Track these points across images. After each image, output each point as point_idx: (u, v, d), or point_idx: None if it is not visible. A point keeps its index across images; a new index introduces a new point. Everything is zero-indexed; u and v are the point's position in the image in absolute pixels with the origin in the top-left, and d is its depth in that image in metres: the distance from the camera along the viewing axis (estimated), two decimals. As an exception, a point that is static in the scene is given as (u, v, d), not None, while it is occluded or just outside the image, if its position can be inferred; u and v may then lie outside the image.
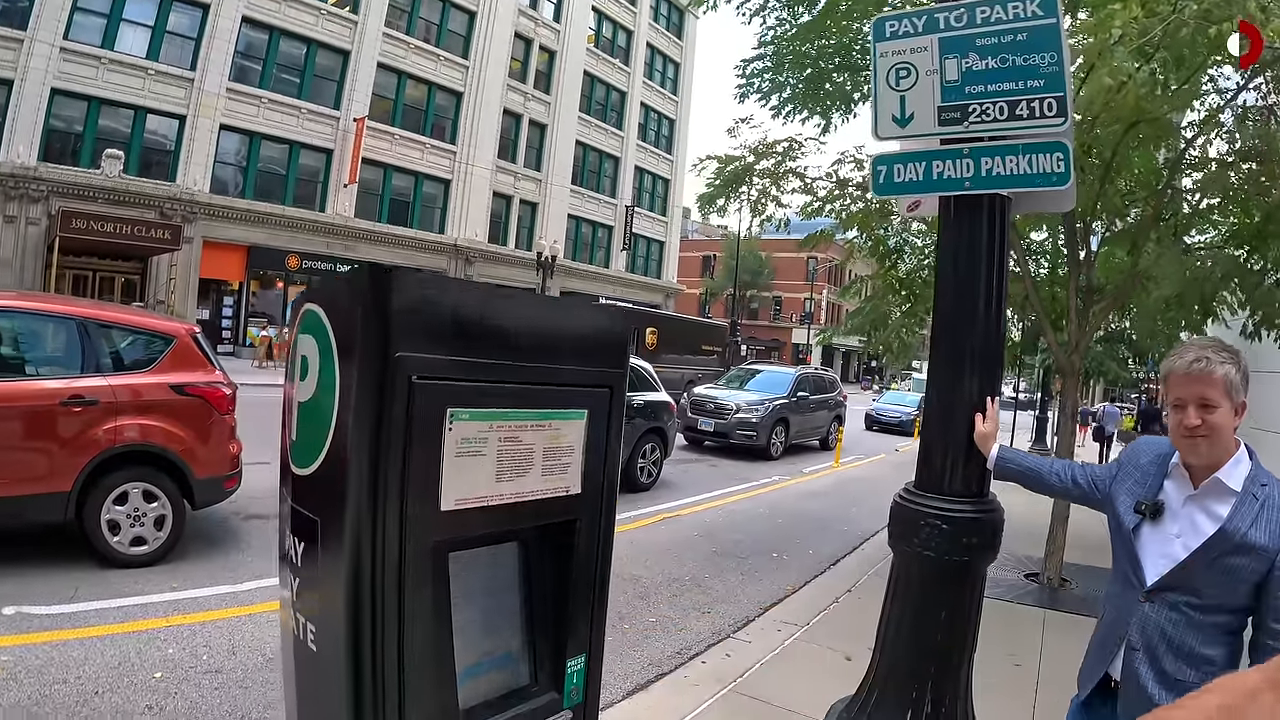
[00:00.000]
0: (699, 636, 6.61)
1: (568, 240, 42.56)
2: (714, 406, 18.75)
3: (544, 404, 2.17)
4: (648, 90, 48.22)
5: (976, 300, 3.35)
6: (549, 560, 2.36)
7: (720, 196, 10.46)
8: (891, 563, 3.58)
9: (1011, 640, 6.60)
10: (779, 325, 73.97)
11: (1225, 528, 2.40)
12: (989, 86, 3.36)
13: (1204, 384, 2.41)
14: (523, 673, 2.32)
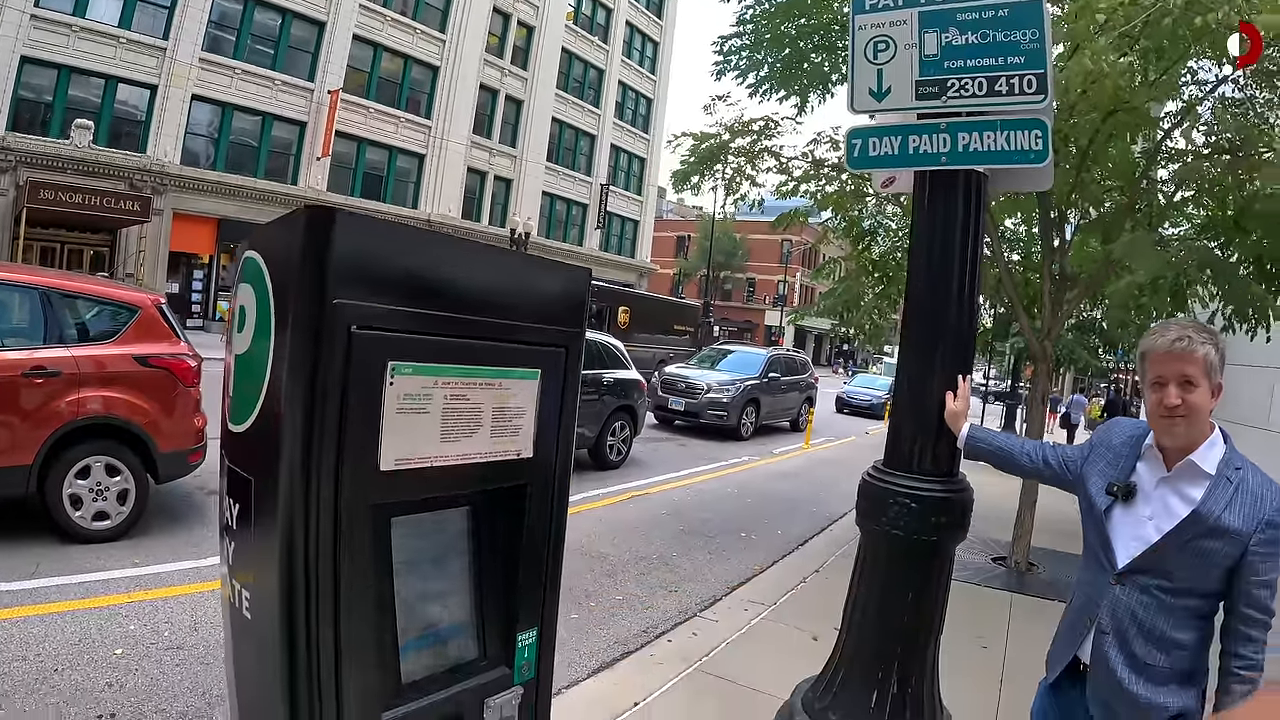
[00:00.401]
0: (666, 615, 6.61)
1: (542, 217, 42.32)
2: (685, 386, 18.74)
3: (494, 361, 2.07)
4: (626, 69, 47.92)
5: (950, 276, 3.30)
6: (499, 527, 2.25)
7: (695, 174, 10.38)
8: (859, 542, 3.55)
9: (978, 623, 6.63)
10: (752, 307, 74.04)
11: (1199, 510, 2.39)
12: (968, 62, 3.31)
13: (1185, 362, 2.39)
14: (471, 646, 2.22)
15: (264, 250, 1.94)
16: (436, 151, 36.34)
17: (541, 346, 2.23)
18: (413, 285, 1.88)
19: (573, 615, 6.34)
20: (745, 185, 10.51)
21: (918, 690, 3.35)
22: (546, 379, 2.24)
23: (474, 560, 2.23)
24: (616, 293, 31.70)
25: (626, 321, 28.85)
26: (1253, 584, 2.36)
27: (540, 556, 2.31)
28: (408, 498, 1.98)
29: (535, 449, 2.24)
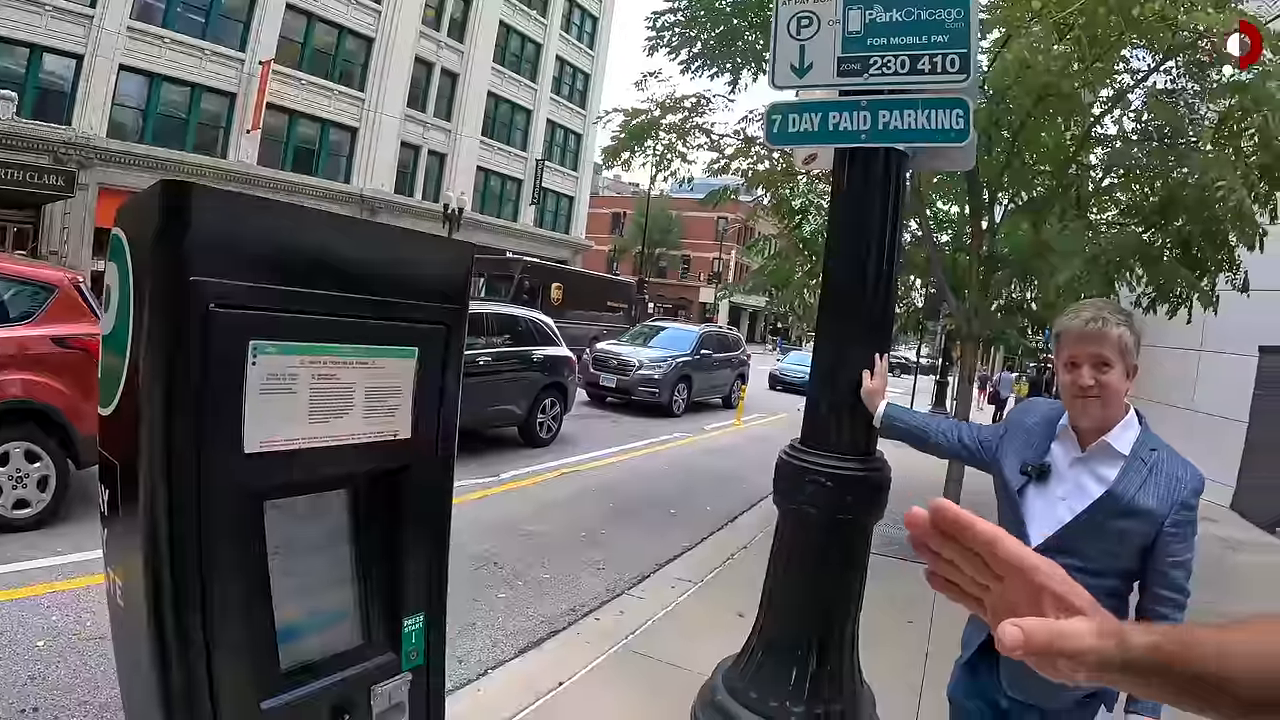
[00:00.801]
0: (594, 593, 6.61)
1: (476, 193, 41.50)
2: (617, 363, 18.69)
3: (367, 339, 1.99)
4: (564, 43, 47.25)
5: (869, 255, 3.28)
6: (380, 511, 2.18)
7: (625, 150, 10.31)
8: (776, 520, 3.54)
9: (904, 598, 6.69)
10: (687, 284, 74.18)
11: (1112, 491, 2.40)
12: (892, 39, 3.28)
13: (1099, 343, 2.39)
14: (355, 632, 2.16)
15: (126, 227, 1.86)
16: (370, 125, 35.47)
17: (420, 324, 2.15)
18: (277, 262, 1.80)
19: (500, 594, 6.32)
20: (676, 162, 10.46)
21: (837, 667, 3.36)
22: (426, 358, 2.16)
23: (355, 545, 2.15)
24: (550, 269, 31.61)
25: (560, 298, 28.83)
26: (1167, 564, 2.39)
27: (425, 540, 2.25)
28: (278, 481, 1.90)
29: (414, 430, 2.17)
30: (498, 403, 11.79)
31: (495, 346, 11.88)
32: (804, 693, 3.29)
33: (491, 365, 11.59)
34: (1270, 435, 13.06)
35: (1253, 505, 13.15)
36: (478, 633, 5.59)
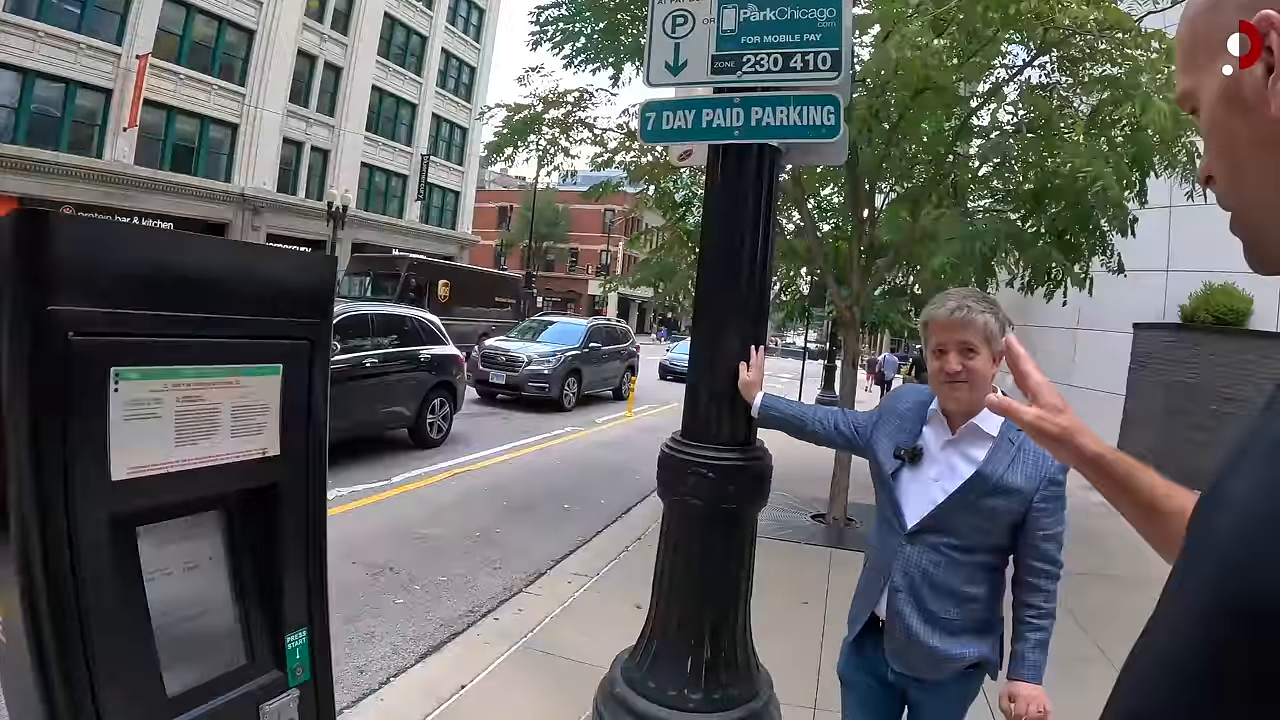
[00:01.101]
0: (491, 593, 6.60)
1: (360, 189, 40.47)
2: (505, 359, 18.58)
3: (230, 359, 1.97)
4: (450, 36, 46.36)
5: (743, 249, 3.34)
6: (255, 528, 2.15)
7: (508, 146, 10.25)
8: (662, 513, 3.59)
9: (799, 580, 6.84)
10: (576, 277, 74.03)
11: (982, 471, 2.51)
12: (765, 38, 3.34)
13: (965, 330, 2.49)
14: (239, 653, 2.12)
15: None
16: (251, 121, 34.14)
17: (283, 340, 2.13)
18: (137, 287, 1.76)
19: (398, 600, 6.27)
20: (560, 157, 10.45)
21: (731, 654, 3.41)
22: (290, 373, 2.14)
23: (232, 564, 2.11)
24: (437, 266, 31.26)
25: (447, 295, 28.56)
26: (1039, 538, 2.52)
27: (301, 555, 2.22)
28: (149, 506, 1.86)
29: (283, 446, 2.14)
30: (386, 405, 11.62)
31: (382, 348, 11.67)
32: (701, 679, 3.34)
33: (378, 367, 11.39)
34: (1145, 407, 13.80)
35: None
36: (378, 641, 5.53)
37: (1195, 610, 0.79)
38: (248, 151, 34.26)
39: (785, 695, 3.88)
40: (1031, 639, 2.54)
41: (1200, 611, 0.77)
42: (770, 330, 30.43)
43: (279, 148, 35.82)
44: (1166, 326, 13.76)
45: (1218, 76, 0.86)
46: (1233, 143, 0.87)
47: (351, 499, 8.96)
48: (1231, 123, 0.85)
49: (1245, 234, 0.90)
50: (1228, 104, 0.85)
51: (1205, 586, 0.78)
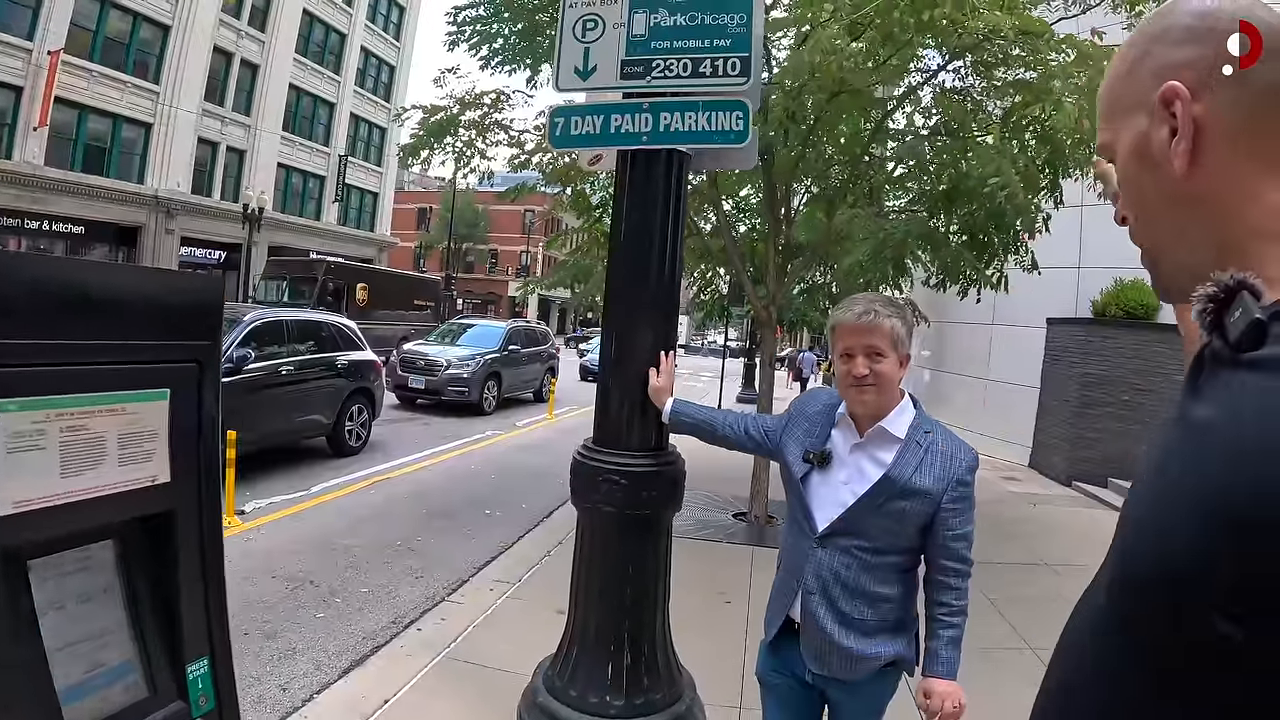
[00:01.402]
0: (413, 603, 6.53)
1: (277, 191, 39.47)
2: (424, 363, 18.42)
3: (115, 385, 1.88)
4: (369, 34, 45.40)
5: (651, 254, 3.35)
6: (150, 557, 2.07)
7: (424, 147, 10.14)
8: (576, 520, 3.58)
9: (722, 579, 6.87)
10: (495, 279, 73.55)
11: (889, 473, 2.53)
12: (675, 43, 3.35)
13: (872, 334, 2.51)
14: (140, 685, 2.03)
15: None
16: (165, 120, 32.89)
17: (170, 364, 2.04)
18: (13, 314, 1.68)
19: (319, 614, 6.15)
20: (477, 159, 10.37)
21: (651, 659, 3.43)
22: (179, 397, 2.05)
23: (129, 594, 2.03)
24: (355, 269, 30.86)
25: (365, 299, 28.19)
26: (948, 538, 2.56)
27: (199, 581, 2.14)
28: (39, 539, 1.78)
29: (174, 472, 2.05)
30: (303, 413, 11.41)
31: (298, 354, 11.46)
32: (623, 685, 3.35)
33: (294, 375, 11.18)
34: (1059, 398, 14.29)
35: (1048, 462, 14.43)
36: (299, 656, 5.41)
37: (1106, 583, 0.92)
38: (161, 152, 33.11)
39: (710, 696, 3.92)
40: (945, 636, 2.58)
41: (1108, 584, 0.91)
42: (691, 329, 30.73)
43: (193, 148, 34.69)
44: (1079, 321, 14.21)
45: (1131, 133, 0.97)
46: (1142, 194, 0.99)
47: (269, 510, 8.79)
48: (1141, 177, 0.97)
49: (1150, 269, 1.03)
50: (1138, 159, 0.97)
51: (1110, 559, 0.93)
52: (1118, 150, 1.01)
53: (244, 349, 9.99)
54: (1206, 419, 0.82)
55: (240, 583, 6.53)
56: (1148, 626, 0.81)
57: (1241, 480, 0.72)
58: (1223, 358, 0.83)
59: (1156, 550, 0.81)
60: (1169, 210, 0.95)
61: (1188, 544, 0.76)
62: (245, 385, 9.90)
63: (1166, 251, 0.99)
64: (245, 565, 6.97)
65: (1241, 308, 0.81)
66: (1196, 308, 0.86)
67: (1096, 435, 13.44)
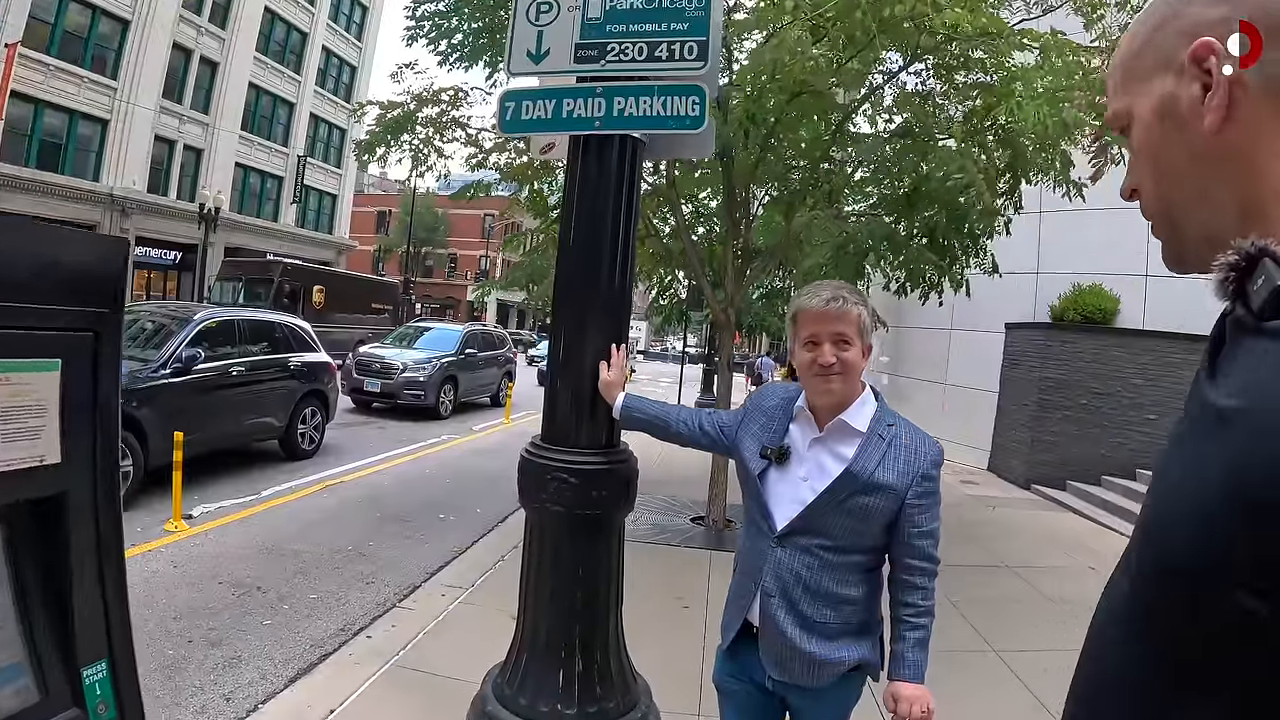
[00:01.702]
0: (364, 610, 6.39)
1: (234, 191, 38.59)
2: (380, 366, 18.26)
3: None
4: (331, 33, 44.85)
5: (603, 243, 3.25)
6: (40, 546, 1.87)
7: (380, 144, 9.99)
8: (525, 520, 3.46)
9: (679, 583, 6.81)
10: (454, 283, 73.24)
11: (851, 468, 2.45)
12: (631, 26, 3.27)
13: (840, 321, 2.44)
14: (32, 690, 1.84)
15: None
16: (122, 117, 32.20)
17: (63, 331, 1.85)
18: None
19: (266, 621, 6.00)
20: (434, 157, 10.24)
21: (604, 663, 3.32)
22: (72, 370, 1.86)
23: (17, 588, 1.86)
24: (312, 271, 30.59)
25: (322, 301, 27.97)
26: (914, 535, 2.47)
27: (95, 575, 1.97)
28: None
29: (66, 452, 1.86)
30: (254, 415, 11.19)
31: (249, 356, 11.24)
32: (575, 694, 3.25)
33: (245, 376, 10.96)
34: (1018, 403, 14.46)
35: (1006, 465, 14.59)
36: (244, 665, 5.26)
37: (1128, 569, 0.91)
38: (118, 149, 32.46)
39: (667, 704, 3.82)
40: (911, 638, 2.49)
41: (1130, 569, 0.90)
42: (649, 335, 30.75)
43: (150, 146, 34.02)
44: (1037, 326, 14.37)
45: (1153, 95, 0.96)
46: (1164, 157, 0.97)
47: (218, 515, 8.62)
48: (1166, 139, 0.96)
49: (1166, 238, 1.01)
50: (1164, 120, 0.95)
51: (1131, 543, 0.92)
52: (1135, 115, 1.00)
53: (194, 348, 9.79)
54: (1227, 391, 0.80)
55: (186, 589, 6.42)
56: (1168, 610, 0.81)
57: (1264, 455, 0.70)
58: (1246, 326, 0.82)
59: (1177, 531, 0.80)
60: (1194, 170, 0.93)
61: (1210, 524, 0.75)
62: (195, 386, 9.72)
63: (1189, 214, 0.96)
64: (191, 571, 6.84)
65: (1264, 275, 0.80)
66: (1218, 276, 0.85)
67: (1054, 439, 13.58)
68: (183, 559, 7.09)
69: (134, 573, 6.50)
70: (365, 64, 48.39)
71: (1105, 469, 12.94)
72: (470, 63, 9.04)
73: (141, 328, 10.34)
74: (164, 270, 36.16)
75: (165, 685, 4.84)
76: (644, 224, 9.61)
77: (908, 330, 17.00)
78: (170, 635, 5.54)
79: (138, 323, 10.48)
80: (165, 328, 10.19)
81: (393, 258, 66.72)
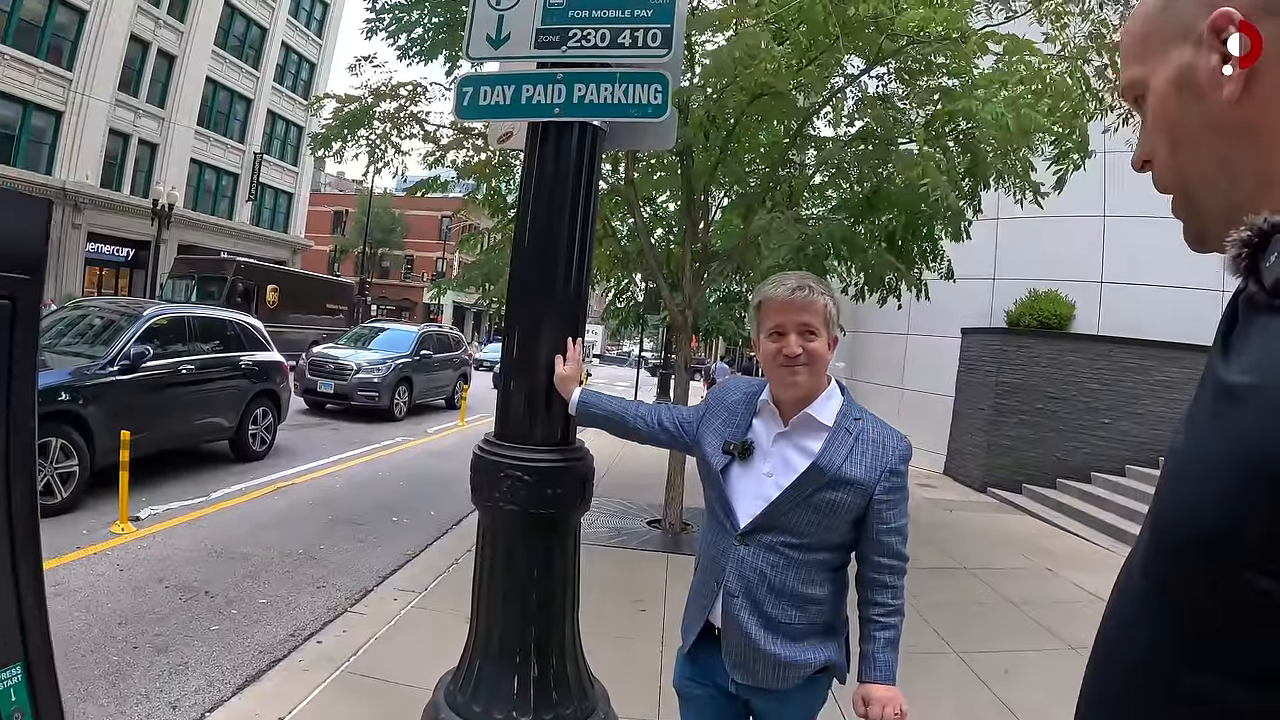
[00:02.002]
0: (314, 614, 6.29)
1: (189, 187, 38.03)
2: (334, 367, 18.07)
3: None
4: (291, 29, 44.34)
5: (560, 234, 3.18)
6: None
7: (336, 139, 9.82)
8: (477, 520, 3.37)
9: (637, 587, 6.78)
10: (411, 284, 72.78)
11: (818, 462, 2.39)
12: (594, 12, 3.21)
13: (806, 311, 2.39)
14: None
15: None
16: (77, 109, 31.62)
17: None
18: None
19: (214, 627, 5.87)
20: (390, 153, 10.10)
21: (561, 669, 3.23)
22: None
23: None
24: (267, 270, 30.26)
25: (277, 301, 27.71)
26: (882, 532, 2.42)
27: (8, 570, 1.84)
28: None
29: None
30: (204, 415, 10.97)
31: (200, 354, 11.02)
32: (530, 699, 3.15)
33: (195, 375, 10.75)
34: (974, 406, 14.71)
35: (963, 469, 14.83)
36: (191, 672, 5.14)
37: (1142, 548, 0.91)
38: (71, 142, 31.87)
39: (625, 709, 3.77)
40: (881, 638, 2.44)
41: (1144, 548, 0.90)
42: (606, 339, 30.74)
43: (104, 139, 33.44)
44: (994, 331, 14.57)
45: (1171, 65, 0.95)
46: (1181, 127, 0.96)
47: (166, 517, 8.46)
48: (1184, 108, 0.94)
49: (1186, 212, 0.99)
50: (1181, 90, 0.94)
51: (1145, 522, 0.91)
52: (1152, 85, 0.99)
53: (143, 345, 9.59)
54: (1239, 368, 0.79)
55: (132, 593, 6.29)
56: (1184, 590, 0.80)
57: (1277, 429, 0.71)
58: (1259, 303, 0.81)
59: (1189, 507, 0.80)
60: (1213, 140, 0.92)
61: (1222, 499, 0.75)
62: (143, 384, 9.52)
63: (1207, 185, 0.95)
64: (138, 574, 6.71)
65: (1278, 251, 0.80)
66: (1230, 253, 0.84)
67: (1010, 442, 13.74)
68: (129, 562, 6.94)
69: (78, 576, 6.36)
70: (325, 61, 47.87)
71: (1060, 472, 13.15)
72: (430, 57, 8.92)
73: (90, 323, 10.19)
74: (116, 267, 35.68)
75: (109, 693, 4.72)
76: (602, 225, 9.55)
77: (865, 335, 17.15)
78: (115, 641, 5.41)
79: (86, 318, 10.34)
80: (114, 324, 10.02)
81: (349, 258, 66.13)
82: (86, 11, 31.49)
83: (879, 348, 17.41)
